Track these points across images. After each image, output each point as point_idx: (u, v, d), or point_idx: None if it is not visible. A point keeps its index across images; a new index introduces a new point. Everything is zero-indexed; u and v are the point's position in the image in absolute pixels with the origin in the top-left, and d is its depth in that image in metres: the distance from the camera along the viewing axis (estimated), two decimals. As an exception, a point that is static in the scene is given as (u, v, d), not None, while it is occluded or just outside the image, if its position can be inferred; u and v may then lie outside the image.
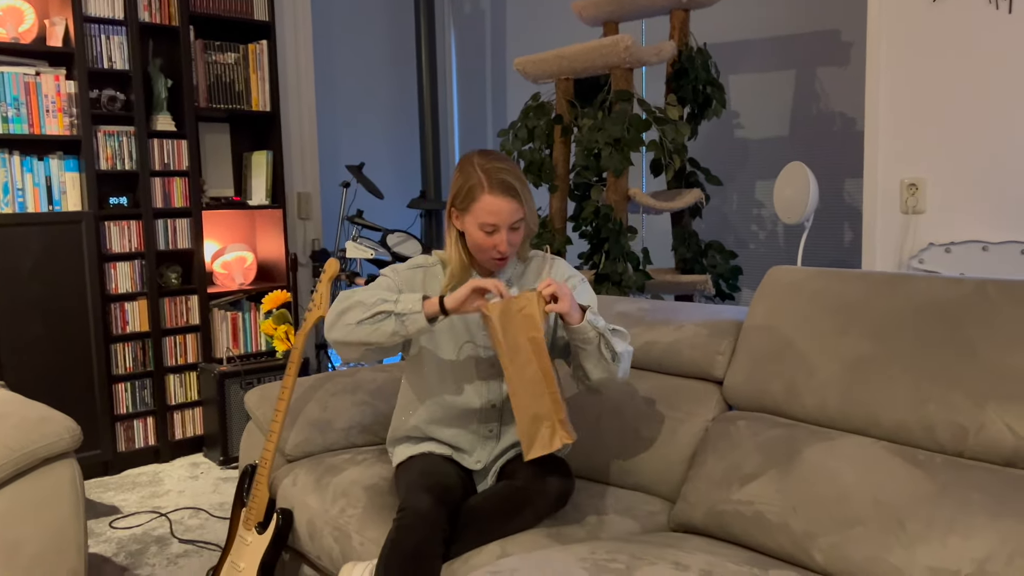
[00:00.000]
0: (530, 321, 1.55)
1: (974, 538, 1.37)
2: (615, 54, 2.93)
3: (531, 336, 1.55)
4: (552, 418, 1.57)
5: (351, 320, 1.65)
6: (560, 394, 1.58)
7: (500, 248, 1.69)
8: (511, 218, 1.68)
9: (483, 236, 1.70)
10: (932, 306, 1.62)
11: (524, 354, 1.55)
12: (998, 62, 2.48)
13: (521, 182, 1.69)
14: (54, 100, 3.29)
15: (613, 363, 1.67)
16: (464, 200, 1.70)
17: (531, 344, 1.55)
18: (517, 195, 1.68)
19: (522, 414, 1.56)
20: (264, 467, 1.99)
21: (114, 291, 3.46)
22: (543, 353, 1.56)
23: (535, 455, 1.57)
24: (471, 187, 1.69)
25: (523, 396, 1.56)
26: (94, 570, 2.55)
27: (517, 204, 1.68)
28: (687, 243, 3.31)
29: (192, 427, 3.70)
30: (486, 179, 1.67)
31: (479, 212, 1.68)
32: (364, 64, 4.86)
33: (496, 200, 1.66)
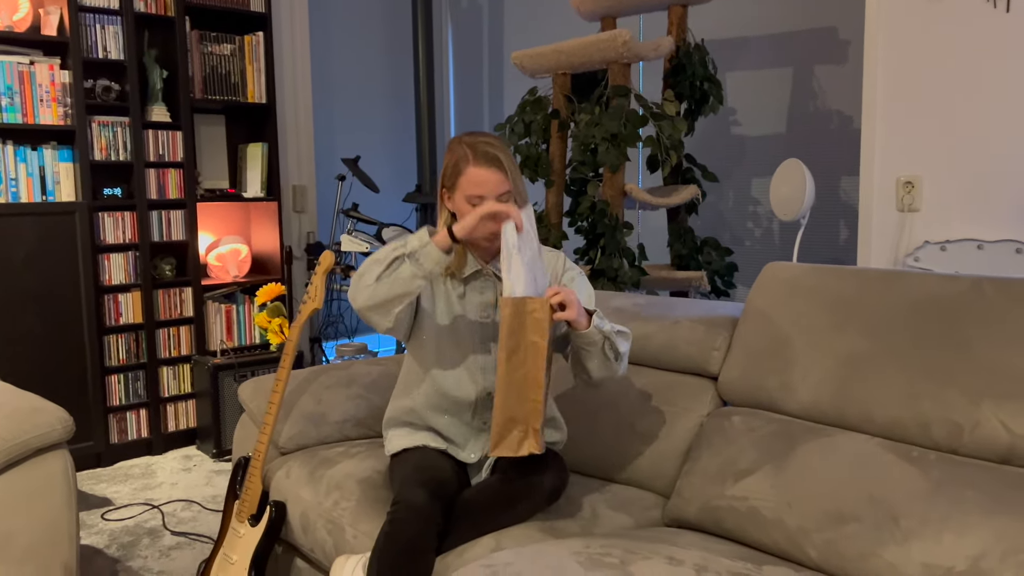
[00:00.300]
0: (538, 326, 1.55)
1: (968, 535, 1.37)
2: (613, 49, 2.92)
3: (533, 340, 1.55)
4: (527, 424, 1.57)
5: (370, 280, 1.64)
6: (543, 404, 1.57)
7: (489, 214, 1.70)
8: (497, 189, 1.68)
9: (470, 210, 1.69)
10: (928, 303, 1.62)
11: (521, 355, 1.55)
12: (995, 61, 2.48)
13: (506, 155, 1.71)
14: (48, 90, 3.26)
15: (616, 363, 1.69)
16: (451, 176, 1.72)
17: (531, 348, 1.55)
18: (501, 165, 1.69)
19: (500, 412, 1.56)
20: (257, 459, 1.98)
21: (108, 282, 3.44)
22: (540, 359, 1.55)
23: (499, 455, 1.58)
24: (456, 161, 1.71)
25: (507, 394, 1.56)
26: (86, 561, 2.54)
27: (502, 175, 1.68)
28: (683, 239, 3.31)
29: (185, 419, 3.69)
30: (471, 152, 1.69)
31: (465, 185, 1.69)
32: (361, 57, 4.85)
33: (480, 171, 1.68)
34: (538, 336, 1.55)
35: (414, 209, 4.81)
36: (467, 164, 1.69)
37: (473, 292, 1.80)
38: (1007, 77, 2.46)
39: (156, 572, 2.46)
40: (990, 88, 2.50)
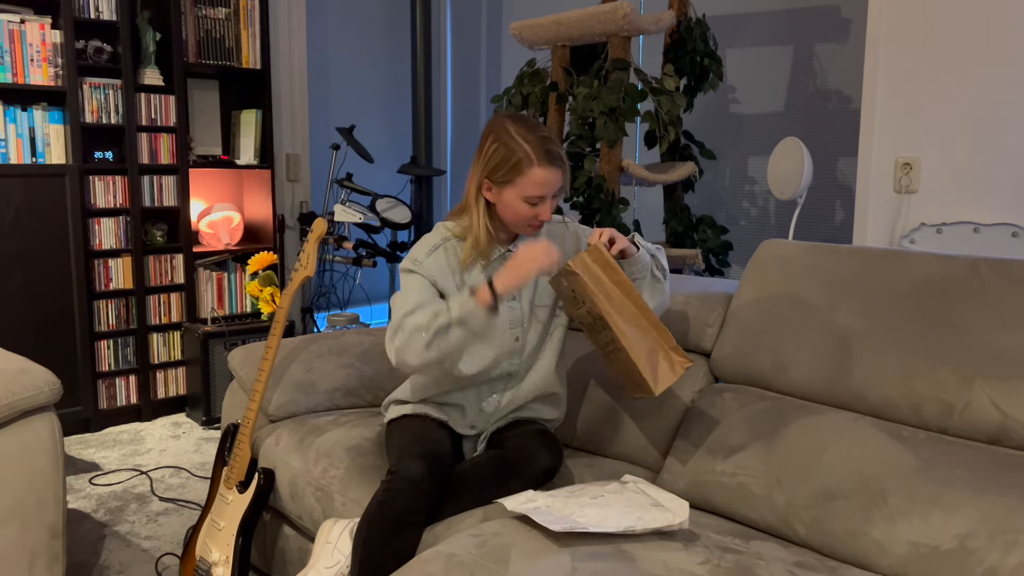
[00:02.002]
0: (609, 267, 1.59)
1: (956, 514, 1.37)
2: (613, 21, 2.88)
3: (616, 279, 1.59)
4: (664, 347, 1.61)
5: (419, 348, 1.59)
6: (662, 325, 1.62)
7: (543, 217, 1.68)
8: (556, 187, 1.67)
9: (526, 208, 1.66)
10: (924, 283, 1.61)
11: (618, 298, 1.59)
12: (997, 45, 2.46)
13: (561, 148, 1.68)
14: (39, 49, 3.21)
15: (664, 282, 1.73)
16: (508, 173, 1.64)
17: (620, 287, 1.59)
18: (563, 164, 1.66)
19: (637, 354, 1.58)
20: (247, 426, 1.97)
21: (98, 247, 3.41)
22: (634, 291, 1.60)
23: (663, 388, 1.60)
24: (518, 160, 1.63)
25: (631, 337, 1.58)
26: (73, 525, 2.53)
27: (562, 173, 1.66)
28: (679, 217, 3.30)
29: (175, 386, 3.68)
30: (534, 151, 1.62)
31: (526, 185, 1.63)
32: (357, 24, 4.78)
33: (546, 172, 1.63)
34: (617, 275, 1.60)
35: (408, 181, 4.78)
36: (531, 165, 1.62)
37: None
38: (1008, 62, 2.44)
39: (143, 537, 2.46)
40: (991, 72, 2.48)
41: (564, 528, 1.36)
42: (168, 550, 2.38)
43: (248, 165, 3.81)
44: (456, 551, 1.36)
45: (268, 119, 3.83)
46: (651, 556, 1.35)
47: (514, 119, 1.68)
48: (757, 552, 1.43)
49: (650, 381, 1.59)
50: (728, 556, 1.39)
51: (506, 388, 1.81)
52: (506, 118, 1.69)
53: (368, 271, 4.68)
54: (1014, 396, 1.45)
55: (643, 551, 1.36)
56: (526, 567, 1.29)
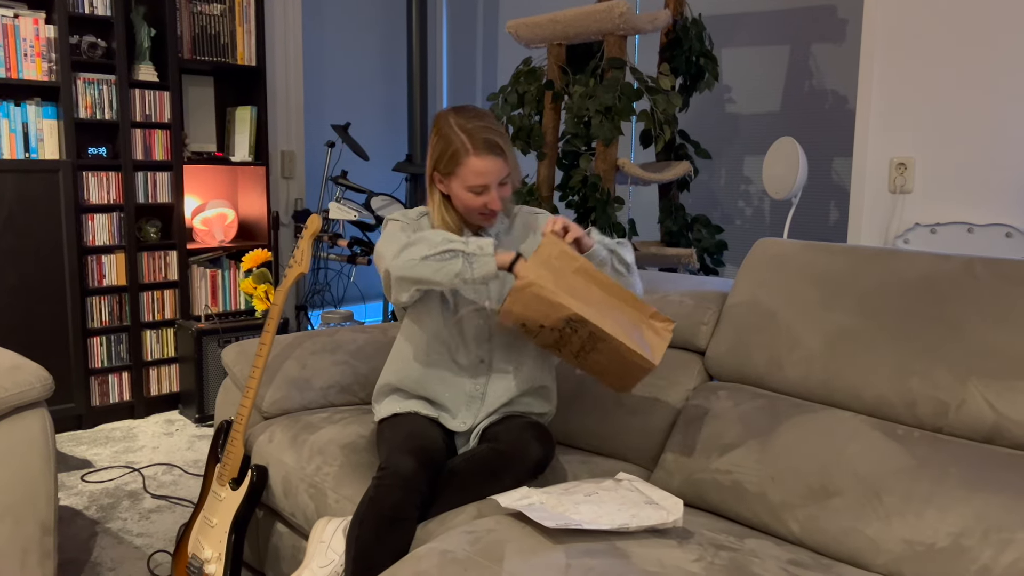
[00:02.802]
0: (567, 256, 1.54)
1: (950, 513, 1.37)
2: (609, 20, 2.88)
3: (577, 267, 1.54)
4: (644, 318, 1.57)
5: (415, 255, 1.57)
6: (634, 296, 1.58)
7: (491, 206, 1.69)
8: (499, 176, 1.67)
9: (472, 197, 1.68)
10: (919, 282, 1.61)
11: (582, 286, 1.54)
12: (991, 46, 2.46)
13: (503, 137, 1.68)
14: (32, 44, 3.19)
15: (629, 275, 1.69)
16: (448, 164, 1.68)
17: (581, 274, 1.54)
18: (502, 152, 1.66)
19: (623, 335, 1.52)
20: (240, 423, 1.97)
21: (91, 243, 3.39)
22: (597, 273, 1.56)
23: (660, 356, 1.55)
24: (455, 151, 1.66)
25: (608, 320, 1.53)
26: (65, 522, 2.52)
27: (503, 161, 1.67)
28: (674, 216, 3.30)
29: (168, 384, 3.66)
30: (469, 141, 1.65)
31: (466, 175, 1.66)
32: (353, 22, 4.77)
33: (482, 161, 1.65)
34: (576, 262, 1.55)
35: (404, 179, 4.77)
36: (467, 155, 1.64)
37: None
38: (1002, 63, 2.45)
39: (136, 534, 2.45)
40: (986, 73, 2.49)
41: (559, 525, 1.35)
42: (160, 547, 2.37)
43: (243, 162, 3.80)
44: (450, 548, 1.36)
45: (263, 116, 3.81)
46: (645, 553, 1.34)
47: (457, 110, 1.71)
48: (751, 550, 1.43)
49: (644, 355, 1.53)
50: (722, 554, 1.39)
51: (489, 381, 1.80)
52: (450, 110, 1.72)
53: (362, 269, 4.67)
54: (1008, 395, 1.45)
55: (637, 548, 1.36)
56: (520, 564, 1.29)
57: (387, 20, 4.92)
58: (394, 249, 1.62)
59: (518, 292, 1.51)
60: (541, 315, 1.53)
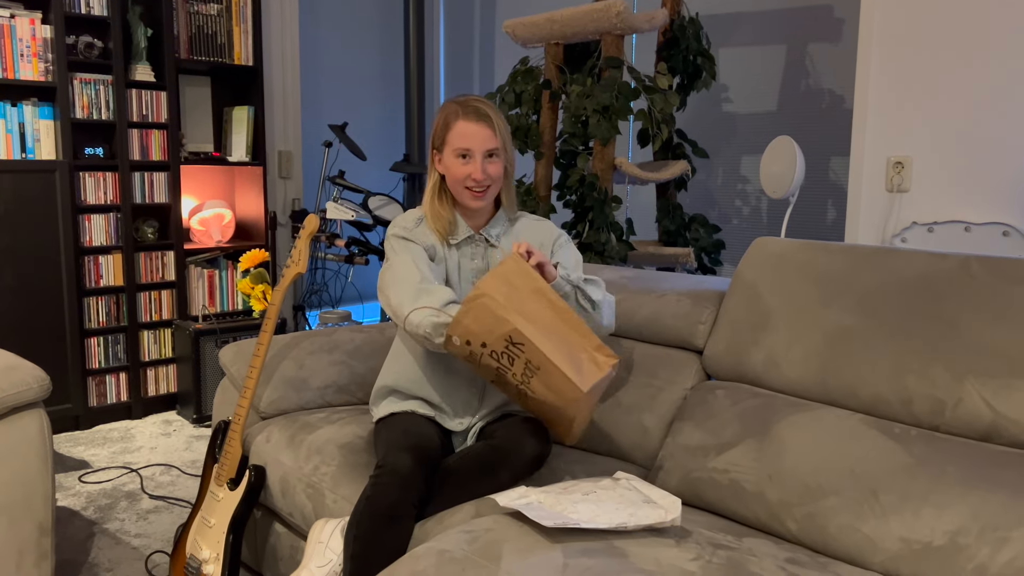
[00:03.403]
0: (527, 275, 1.55)
1: (947, 511, 1.37)
2: (607, 19, 2.88)
3: (534, 287, 1.54)
4: (587, 349, 1.56)
5: (428, 345, 1.65)
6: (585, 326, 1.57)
7: (475, 176, 1.71)
8: (485, 144, 1.70)
9: (459, 165, 1.72)
10: (916, 281, 1.62)
11: (534, 307, 1.54)
12: (989, 45, 2.46)
13: (497, 115, 1.73)
14: (29, 44, 3.19)
15: (594, 312, 1.70)
16: (441, 133, 1.75)
17: (537, 295, 1.54)
18: (490, 121, 1.71)
19: (554, 354, 1.52)
20: (237, 423, 1.96)
21: (88, 243, 3.39)
22: (554, 298, 1.55)
23: (590, 384, 1.53)
24: (446, 118, 1.74)
25: (547, 342, 1.52)
26: (63, 523, 2.52)
27: (491, 131, 1.71)
28: (671, 215, 3.30)
29: (166, 384, 3.66)
30: (460, 107, 1.73)
31: (454, 139, 1.72)
32: (350, 22, 4.77)
33: (469, 124, 1.70)
34: (535, 282, 1.54)
35: (401, 179, 4.77)
36: (456, 118, 1.72)
37: (464, 258, 1.81)
38: (1000, 61, 2.45)
39: (133, 535, 2.45)
40: (983, 72, 2.49)
41: (556, 524, 1.35)
42: (158, 548, 2.37)
43: (240, 162, 3.80)
44: (448, 547, 1.36)
45: (260, 116, 3.81)
46: (643, 552, 1.34)
47: (460, 95, 1.79)
48: (749, 548, 1.43)
49: (574, 379, 1.51)
50: (720, 552, 1.39)
51: (487, 384, 1.81)
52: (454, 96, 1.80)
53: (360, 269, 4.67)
54: (1005, 393, 1.45)
55: (635, 547, 1.36)
56: (518, 563, 1.29)
57: (384, 20, 4.91)
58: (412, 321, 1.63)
59: (470, 302, 1.51)
60: (486, 330, 1.51)
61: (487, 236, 1.82)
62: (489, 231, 1.82)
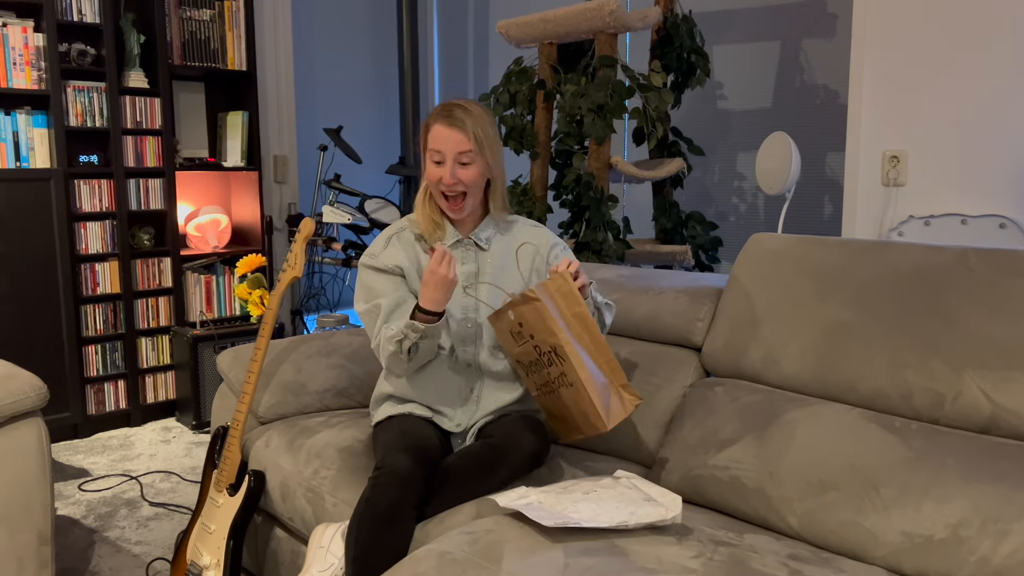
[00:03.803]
0: (571, 297, 1.59)
1: (948, 504, 1.37)
2: (600, 18, 2.88)
3: (576, 311, 1.59)
4: (615, 384, 1.62)
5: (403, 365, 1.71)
6: (615, 361, 1.63)
7: (445, 180, 1.72)
8: (456, 147, 1.70)
9: (433, 168, 1.73)
10: (913, 274, 1.61)
11: (575, 329, 1.59)
12: (983, 38, 2.46)
13: (475, 119, 1.70)
14: (21, 53, 3.18)
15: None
16: (423, 139, 1.76)
17: (577, 319, 1.59)
18: (464, 125, 1.69)
19: (591, 387, 1.57)
20: (236, 428, 1.96)
21: (84, 251, 3.38)
22: (592, 325, 1.60)
23: (614, 424, 1.59)
24: (426, 122, 1.75)
25: (587, 369, 1.58)
26: (63, 532, 2.51)
27: (463, 135, 1.69)
28: (668, 213, 3.30)
29: (164, 391, 3.65)
30: (439, 111, 1.73)
31: (429, 142, 1.73)
32: (343, 25, 4.77)
33: (442, 128, 1.70)
34: (577, 306, 1.59)
35: (397, 181, 4.76)
36: (434, 122, 1.73)
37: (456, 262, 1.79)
38: (994, 54, 2.45)
39: (134, 543, 2.44)
40: (977, 64, 2.49)
41: (557, 524, 1.35)
42: (159, 555, 2.36)
43: (235, 167, 3.79)
44: (448, 549, 1.36)
45: (255, 121, 3.81)
46: (644, 551, 1.34)
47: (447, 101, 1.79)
48: (750, 545, 1.43)
49: (602, 414, 1.57)
50: (721, 549, 1.38)
51: (483, 385, 1.81)
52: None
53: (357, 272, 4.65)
54: (1004, 385, 1.45)
55: (636, 546, 1.35)
56: (519, 564, 1.28)
57: (378, 22, 4.91)
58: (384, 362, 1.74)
59: (524, 304, 1.57)
60: (538, 328, 1.58)
61: (476, 240, 1.81)
62: (478, 235, 1.82)
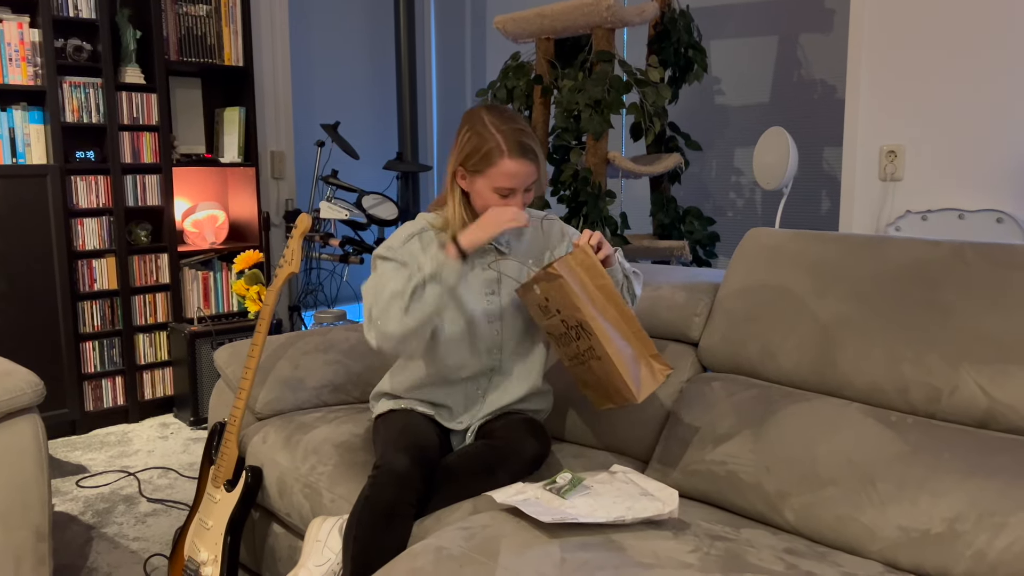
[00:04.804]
0: (594, 270, 1.56)
1: (945, 498, 1.37)
2: (597, 13, 2.88)
3: (600, 284, 1.56)
4: (645, 355, 1.59)
5: (397, 313, 1.59)
6: (643, 332, 1.60)
7: (515, 209, 1.66)
8: (528, 180, 1.66)
9: (496, 199, 1.66)
10: (910, 269, 1.61)
11: (600, 302, 1.56)
12: (980, 33, 2.46)
13: (537, 143, 1.66)
14: (17, 48, 3.17)
15: (631, 304, 1.72)
16: (479, 163, 1.64)
17: (602, 291, 1.56)
18: (536, 158, 1.65)
19: (620, 360, 1.55)
20: (233, 424, 1.96)
21: (81, 247, 3.38)
22: (617, 297, 1.58)
23: (645, 395, 1.57)
24: (489, 151, 1.63)
25: (614, 342, 1.56)
26: (60, 528, 2.51)
27: (535, 167, 1.65)
28: (665, 209, 3.30)
29: (162, 387, 3.65)
30: (504, 142, 1.62)
31: (496, 176, 1.63)
32: (340, 19, 4.76)
33: (516, 164, 1.62)
34: (601, 279, 1.56)
35: (395, 177, 4.76)
36: (501, 156, 1.62)
37: (477, 268, 1.76)
38: (991, 48, 2.45)
39: (132, 539, 2.44)
40: (974, 60, 2.49)
41: (554, 519, 1.35)
42: (156, 551, 2.36)
43: (232, 163, 3.79)
44: (446, 544, 1.36)
45: (252, 117, 3.80)
46: (641, 546, 1.34)
47: (491, 110, 1.69)
48: (747, 539, 1.43)
49: (632, 388, 1.55)
50: (718, 544, 1.38)
51: (491, 384, 1.81)
52: (484, 108, 1.70)
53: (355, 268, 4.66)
54: (1000, 379, 1.45)
55: (633, 541, 1.36)
56: (515, 559, 1.29)
57: (374, 18, 4.90)
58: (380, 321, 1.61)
59: (547, 280, 1.54)
60: (563, 304, 1.56)
61: (496, 244, 1.78)
62: (498, 238, 1.79)
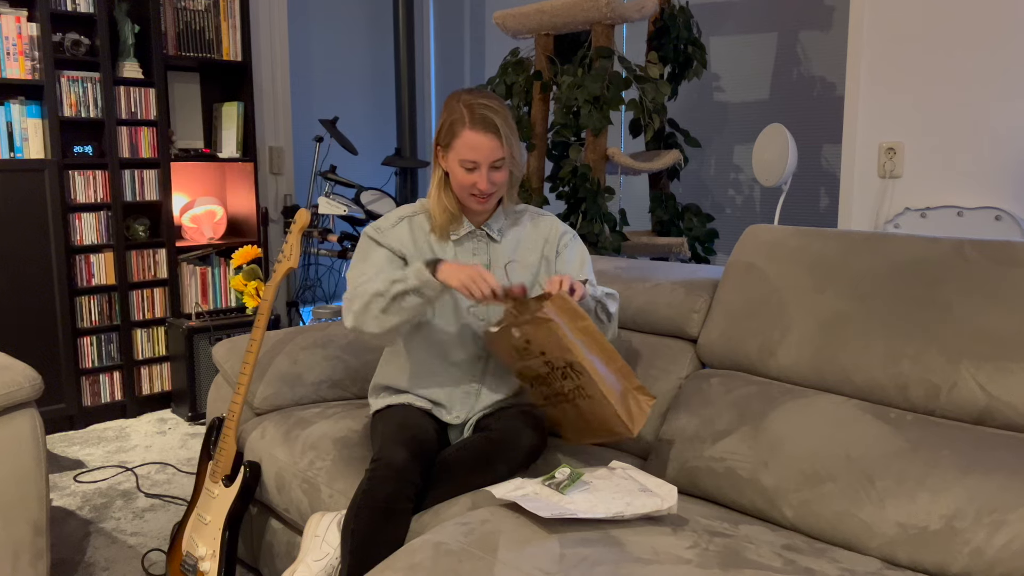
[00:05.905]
0: (574, 312, 1.57)
1: (943, 495, 1.37)
2: (596, 9, 2.87)
3: (581, 326, 1.57)
4: (630, 389, 1.61)
5: (376, 312, 1.62)
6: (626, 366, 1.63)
7: (479, 186, 1.68)
8: (491, 156, 1.66)
9: (463, 173, 1.68)
10: (910, 265, 1.61)
11: (587, 343, 1.58)
12: (979, 30, 2.46)
13: (504, 120, 1.67)
14: (15, 42, 3.16)
15: (608, 324, 1.74)
16: (446, 136, 1.69)
17: (585, 333, 1.57)
18: (498, 132, 1.65)
19: (614, 398, 1.58)
20: (232, 420, 1.96)
21: (79, 242, 3.37)
22: (598, 334, 1.59)
23: (639, 427, 1.59)
24: (453, 122, 1.67)
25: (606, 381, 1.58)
26: (58, 523, 2.51)
27: (498, 142, 1.65)
28: (664, 205, 3.30)
29: (160, 382, 3.65)
30: (468, 114, 1.66)
31: (460, 148, 1.66)
32: (339, 15, 4.75)
33: (476, 135, 1.64)
34: (582, 320, 1.57)
35: (393, 173, 4.75)
36: (463, 127, 1.65)
37: (466, 254, 1.78)
38: (990, 46, 2.45)
39: (129, 534, 2.44)
40: (974, 56, 2.48)
41: (553, 515, 1.35)
42: (154, 546, 2.36)
43: (231, 158, 3.78)
44: (444, 539, 1.36)
45: (250, 112, 3.79)
46: (640, 541, 1.34)
47: (469, 89, 1.72)
48: (746, 535, 1.43)
49: (627, 423, 1.58)
50: (717, 540, 1.38)
51: (485, 377, 1.81)
52: (463, 90, 1.73)
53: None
54: (999, 377, 1.45)
55: (632, 536, 1.36)
56: (514, 554, 1.29)
57: (373, 12, 4.89)
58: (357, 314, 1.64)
59: (537, 323, 1.54)
60: (550, 346, 1.56)
61: (488, 231, 1.80)
62: (491, 225, 1.80)
